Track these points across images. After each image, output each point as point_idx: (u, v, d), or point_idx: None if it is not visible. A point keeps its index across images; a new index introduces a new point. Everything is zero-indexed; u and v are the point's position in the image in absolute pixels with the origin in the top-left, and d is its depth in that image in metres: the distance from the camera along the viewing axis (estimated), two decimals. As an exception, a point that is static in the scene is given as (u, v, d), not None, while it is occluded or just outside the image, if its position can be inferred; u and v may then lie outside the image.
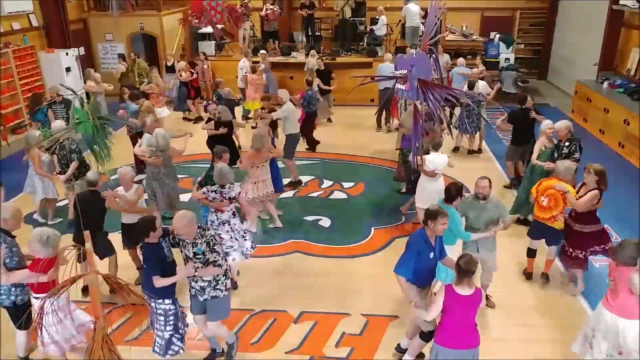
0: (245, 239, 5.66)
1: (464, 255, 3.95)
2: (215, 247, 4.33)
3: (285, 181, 8.12)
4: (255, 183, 6.76)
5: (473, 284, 3.84)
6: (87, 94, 10.87)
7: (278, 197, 7.60)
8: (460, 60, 11.18)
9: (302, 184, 8.65)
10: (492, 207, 5.13)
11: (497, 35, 14.25)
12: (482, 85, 9.69)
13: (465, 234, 5.05)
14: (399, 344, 4.88)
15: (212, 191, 5.41)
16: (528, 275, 6.05)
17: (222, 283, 4.44)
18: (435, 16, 6.30)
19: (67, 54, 12.59)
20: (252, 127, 11.42)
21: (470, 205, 5.21)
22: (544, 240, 5.85)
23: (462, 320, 3.89)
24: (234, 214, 5.61)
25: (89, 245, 3.73)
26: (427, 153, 6.45)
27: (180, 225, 4.18)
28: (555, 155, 6.66)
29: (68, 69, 12.53)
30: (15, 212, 4.51)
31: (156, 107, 10.64)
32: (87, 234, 3.83)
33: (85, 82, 11.02)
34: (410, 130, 6.51)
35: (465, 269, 3.78)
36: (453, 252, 5.05)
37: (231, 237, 5.50)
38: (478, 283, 3.85)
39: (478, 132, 9.86)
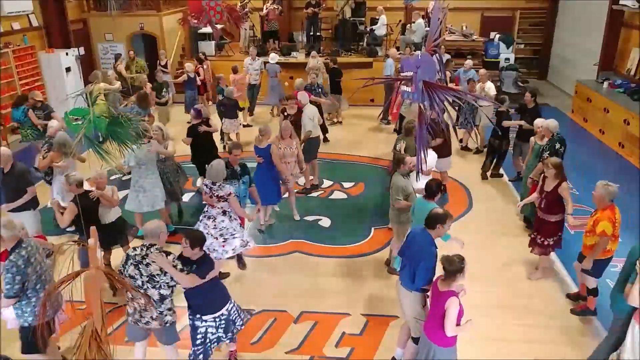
0: (235, 237, 5.69)
1: (444, 256, 3.92)
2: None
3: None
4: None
5: (449, 285, 3.81)
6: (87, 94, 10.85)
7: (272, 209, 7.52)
8: (469, 62, 10.99)
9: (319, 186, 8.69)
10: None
11: (497, 35, 14.26)
12: (489, 88, 9.64)
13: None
14: (393, 357, 4.82)
15: (204, 184, 5.65)
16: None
17: None
18: (438, 18, 6.28)
19: (67, 54, 12.59)
20: (243, 125, 11.54)
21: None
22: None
23: (433, 312, 3.96)
24: (223, 212, 5.66)
25: (92, 241, 3.71)
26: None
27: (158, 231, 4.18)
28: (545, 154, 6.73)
29: (68, 69, 12.53)
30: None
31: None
32: (92, 229, 3.81)
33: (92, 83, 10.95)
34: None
35: (443, 267, 3.83)
36: (449, 245, 5.09)
37: (208, 233, 5.49)
38: (454, 286, 3.82)
39: (477, 132, 9.92)
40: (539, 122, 7.04)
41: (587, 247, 5.14)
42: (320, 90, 10.26)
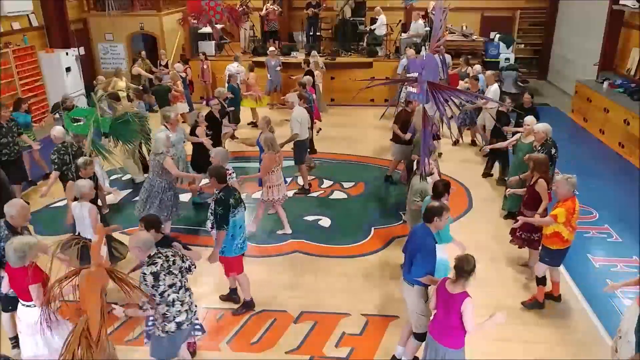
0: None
1: (460, 256, 3.91)
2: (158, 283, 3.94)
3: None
4: (270, 187, 6.72)
5: (461, 286, 3.80)
6: (88, 94, 10.87)
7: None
8: (478, 67, 11.05)
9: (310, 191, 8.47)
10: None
11: (497, 35, 14.26)
12: (493, 89, 9.63)
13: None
14: (394, 355, 4.83)
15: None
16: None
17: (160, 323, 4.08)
18: (440, 19, 6.29)
19: (67, 54, 12.59)
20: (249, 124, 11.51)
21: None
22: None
23: (442, 315, 3.91)
24: None
25: (96, 238, 3.69)
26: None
27: (132, 245, 4.03)
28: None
29: (68, 69, 12.53)
30: (21, 209, 4.45)
31: (178, 104, 10.69)
32: (99, 226, 3.80)
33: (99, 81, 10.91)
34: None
35: (459, 267, 3.78)
36: (449, 248, 5.08)
37: None
38: (466, 287, 3.82)
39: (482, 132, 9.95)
40: (528, 120, 6.99)
41: (546, 236, 5.25)
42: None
